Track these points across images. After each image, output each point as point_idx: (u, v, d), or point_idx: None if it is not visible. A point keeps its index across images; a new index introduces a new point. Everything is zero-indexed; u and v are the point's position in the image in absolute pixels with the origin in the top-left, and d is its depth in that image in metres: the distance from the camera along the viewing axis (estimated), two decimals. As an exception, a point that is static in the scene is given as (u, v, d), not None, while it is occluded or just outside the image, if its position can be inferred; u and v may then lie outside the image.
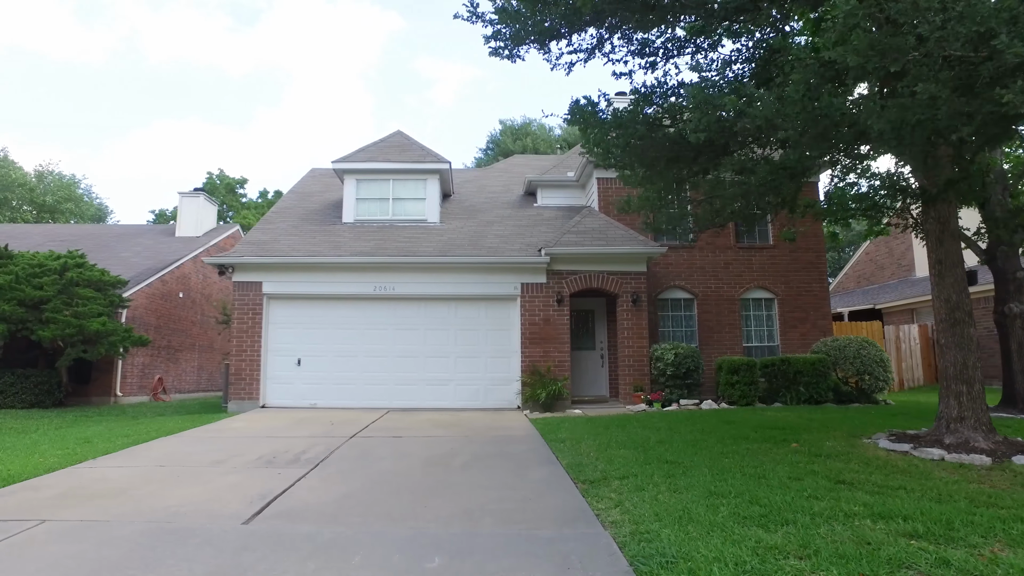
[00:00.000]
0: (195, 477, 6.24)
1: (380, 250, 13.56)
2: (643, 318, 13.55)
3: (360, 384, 13.18)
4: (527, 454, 7.44)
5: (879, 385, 13.06)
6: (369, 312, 13.45)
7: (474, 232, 14.72)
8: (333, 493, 5.60)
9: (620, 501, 5.14)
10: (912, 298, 21.92)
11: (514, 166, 20.96)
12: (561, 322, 13.34)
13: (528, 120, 40.69)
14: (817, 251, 15.76)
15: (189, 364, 20.80)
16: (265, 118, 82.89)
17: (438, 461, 7.05)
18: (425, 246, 13.82)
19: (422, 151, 15.84)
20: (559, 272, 13.47)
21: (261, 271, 13.19)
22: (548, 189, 16.92)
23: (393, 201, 15.37)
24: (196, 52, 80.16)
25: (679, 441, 7.77)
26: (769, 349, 15.20)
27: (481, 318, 13.55)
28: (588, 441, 7.99)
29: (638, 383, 13.17)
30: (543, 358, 13.14)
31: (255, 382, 12.84)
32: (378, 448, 7.95)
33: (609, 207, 15.15)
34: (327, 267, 13.21)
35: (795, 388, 12.89)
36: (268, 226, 15.07)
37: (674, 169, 8.29)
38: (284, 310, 13.39)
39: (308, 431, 9.46)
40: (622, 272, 13.58)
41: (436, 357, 13.36)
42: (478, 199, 17.34)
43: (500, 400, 13.24)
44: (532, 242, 14.03)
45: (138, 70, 78.13)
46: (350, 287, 13.27)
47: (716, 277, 15.21)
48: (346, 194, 15.36)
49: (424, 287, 13.35)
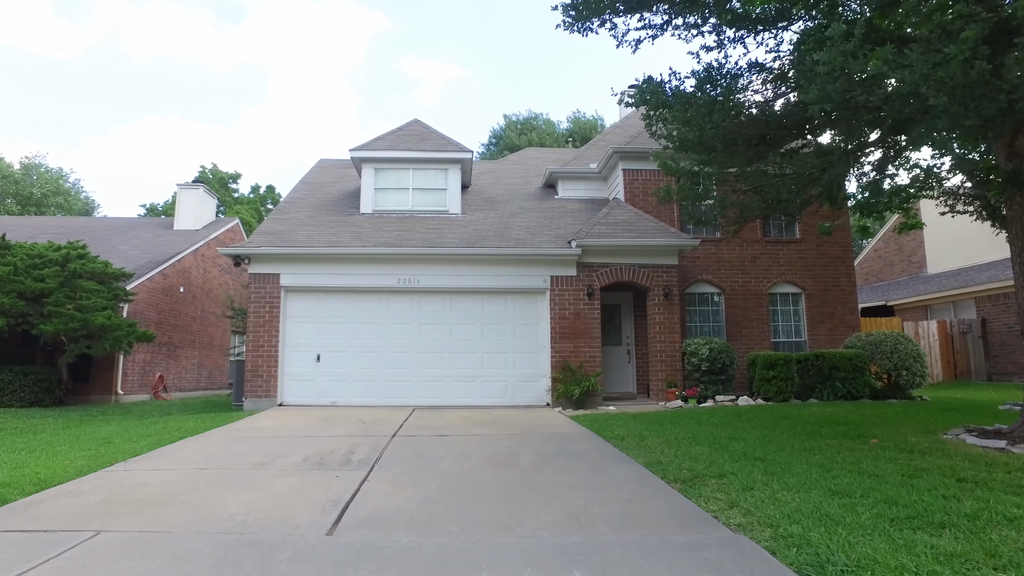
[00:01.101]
0: (246, 481, 5.67)
1: (403, 241, 13.00)
2: (675, 312, 13.11)
3: (383, 381, 12.61)
4: (594, 452, 6.94)
5: (916, 381, 12.72)
6: (393, 306, 12.89)
7: (498, 224, 14.20)
8: (411, 498, 5.07)
9: (734, 502, 4.67)
10: (926, 295, 21.72)
11: (528, 159, 20.45)
12: (592, 316, 12.86)
13: (534, 114, 40.07)
14: (844, 245, 15.43)
15: (189, 361, 20.07)
16: (250, 116, 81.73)
17: (503, 461, 6.54)
18: (449, 237, 13.28)
19: (442, 140, 15.29)
20: (589, 265, 12.99)
21: (279, 262, 12.58)
22: (569, 181, 16.44)
23: (413, 191, 14.81)
24: (179, 49, 78.86)
25: (750, 437, 7.32)
26: (796, 344, 14.84)
27: (509, 312, 13.03)
28: (652, 438, 7.51)
29: (671, 379, 12.73)
30: (574, 353, 12.66)
31: (272, 379, 12.23)
32: (430, 448, 7.41)
33: (635, 199, 14.71)
34: (349, 258, 12.62)
35: (831, 384, 12.51)
36: (283, 216, 14.44)
37: (751, 150, 7.80)
38: (303, 303, 12.78)
39: (342, 430, 8.90)
40: (653, 265, 13.14)
41: (462, 353, 12.83)
42: (497, 191, 16.82)
43: (529, 397, 12.74)
44: (559, 234, 13.55)
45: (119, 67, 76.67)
46: (372, 279, 12.70)
47: (743, 271, 14.82)
48: (364, 184, 14.76)
49: (450, 280, 12.81)
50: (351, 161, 15.24)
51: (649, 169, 14.81)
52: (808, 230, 15.16)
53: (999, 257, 20.66)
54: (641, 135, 15.58)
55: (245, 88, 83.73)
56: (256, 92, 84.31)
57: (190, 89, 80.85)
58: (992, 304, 19.35)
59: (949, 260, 22.82)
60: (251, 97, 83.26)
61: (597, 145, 17.98)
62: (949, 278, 21.80)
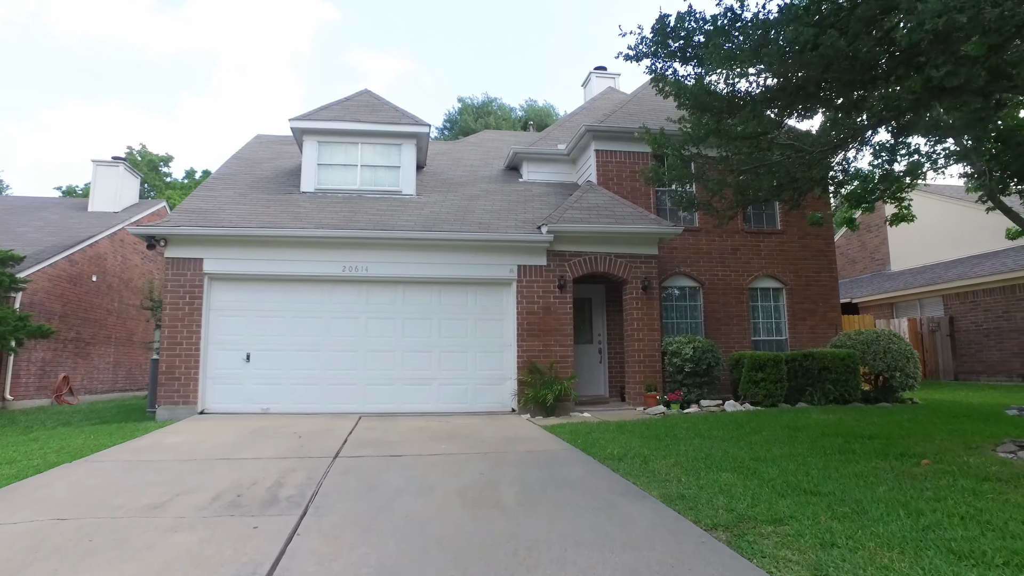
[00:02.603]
0: (119, 542, 3.97)
1: (349, 223, 11.30)
2: (655, 307, 11.86)
3: (324, 385, 10.91)
4: (592, 481, 5.52)
5: (909, 383, 11.83)
6: (336, 297, 11.19)
7: (458, 207, 12.65)
8: (360, 565, 3.53)
9: (819, 567, 3.32)
10: (891, 292, 21.26)
11: (487, 140, 18.93)
12: (563, 311, 11.47)
13: (489, 98, 38.26)
14: (826, 238, 14.53)
15: (103, 360, 17.74)
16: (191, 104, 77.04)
17: (480, 497, 5.04)
18: (402, 220, 11.65)
19: (395, 112, 13.61)
20: (561, 253, 11.59)
21: (202, 245, 10.71)
22: (535, 163, 15.00)
23: (361, 169, 13.08)
24: (112, 32, 73.56)
25: (777, 457, 6.04)
26: (777, 343, 13.84)
27: (470, 305, 11.51)
28: (657, 459, 6.15)
29: (650, 381, 11.46)
30: (543, 353, 11.25)
31: (192, 382, 10.37)
32: (382, 476, 5.85)
33: (609, 182, 13.40)
34: (285, 242, 10.86)
35: (821, 386, 11.50)
36: (210, 193, 12.50)
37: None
38: (230, 293, 10.94)
39: (273, 448, 7.23)
40: (631, 255, 11.84)
41: (416, 352, 11.24)
42: (455, 172, 15.24)
43: (491, 402, 11.26)
44: (526, 219, 12.10)
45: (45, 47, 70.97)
46: (313, 267, 10.97)
47: (723, 264, 13.71)
48: (305, 159, 12.95)
49: (402, 268, 11.20)
50: (292, 135, 13.40)
51: (625, 151, 13.54)
52: (790, 221, 14.17)
53: (965, 254, 20.35)
54: (615, 114, 14.30)
55: (186, 75, 78.95)
56: (198, 80, 79.66)
57: (127, 74, 75.71)
58: (960, 302, 18.92)
59: (913, 257, 22.47)
60: (193, 84, 78.60)
61: (564, 126, 16.60)
62: (915, 275, 21.39)
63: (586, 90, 20.21)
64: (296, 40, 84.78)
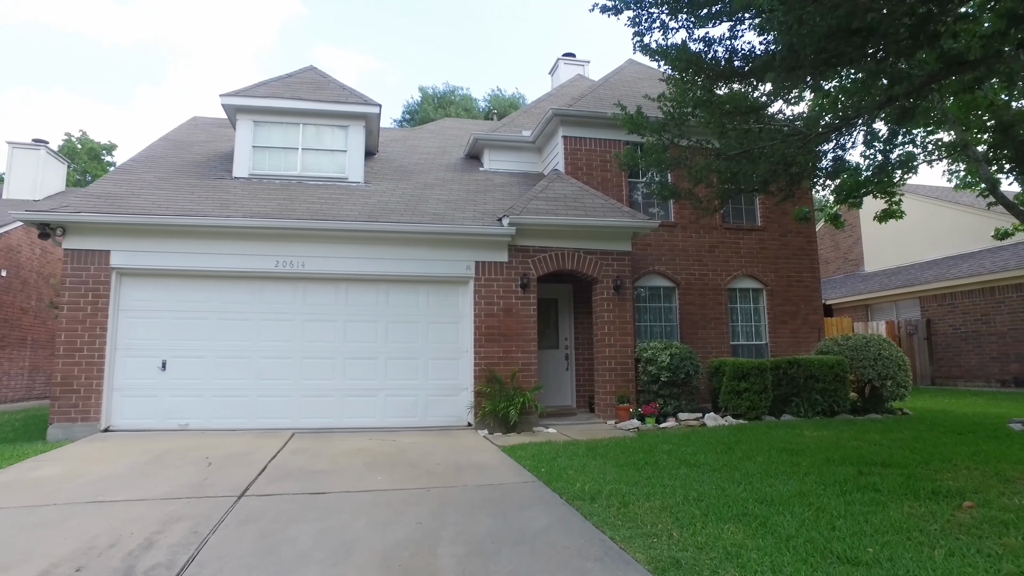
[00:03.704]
0: None
1: (285, 212, 9.91)
2: (627, 309, 10.75)
3: (254, 396, 9.53)
4: (558, 537, 4.31)
5: (900, 392, 10.95)
6: (268, 297, 9.80)
7: (410, 196, 11.34)
8: None
9: None
10: (866, 294, 20.64)
11: (447, 128, 17.62)
12: (527, 313, 10.27)
13: (451, 87, 36.53)
14: (808, 236, 13.62)
15: (16, 364, 15.93)
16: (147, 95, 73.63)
17: (411, 567, 3.80)
18: (347, 209, 10.31)
19: (342, 90, 12.22)
20: (524, 249, 10.40)
21: (109, 235, 9.21)
22: (497, 151, 13.77)
23: (303, 152, 11.66)
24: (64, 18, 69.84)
25: (785, 497, 4.92)
26: (757, 348, 12.88)
27: (421, 307, 10.23)
28: (638, 500, 4.98)
29: (623, 392, 10.35)
30: (503, 360, 10.04)
31: (94, 395, 8.88)
32: (291, 527, 4.55)
33: (578, 172, 12.25)
34: (209, 232, 9.43)
35: (808, 396, 10.53)
36: (125, 176, 10.95)
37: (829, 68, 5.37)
38: (143, 292, 9.47)
39: (167, 483, 5.86)
40: (602, 251, 10.71)
41: (360, 359, 9.92)
42: (410, 160, 13.92)
43: (446, 415, 10.01)
44: (486, 210, 10.86)
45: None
46: (242, 261, 9.57)
47: (700, 262, 12.68)
48: (239, 140, 11.48)
49: (345, 264, 9.86)
50: (226, 115, 11.91)
51: (596, 138, 12.41)
52: (771, 217, 13.22)
53: (942, 255, 19.80)
54: (585, 98, 13.16)
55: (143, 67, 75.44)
56: (155, 72, 76.19)
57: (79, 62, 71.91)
58: (937, 304, 18.31)
59: (888, 258, 21.89)
60: (150, 76, 75.13)
61: (529, 113, 15.41)
62: (889, 276, 20.79)
63: (553, 77, 19.07)
64: (261, 34, 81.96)
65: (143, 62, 74.36)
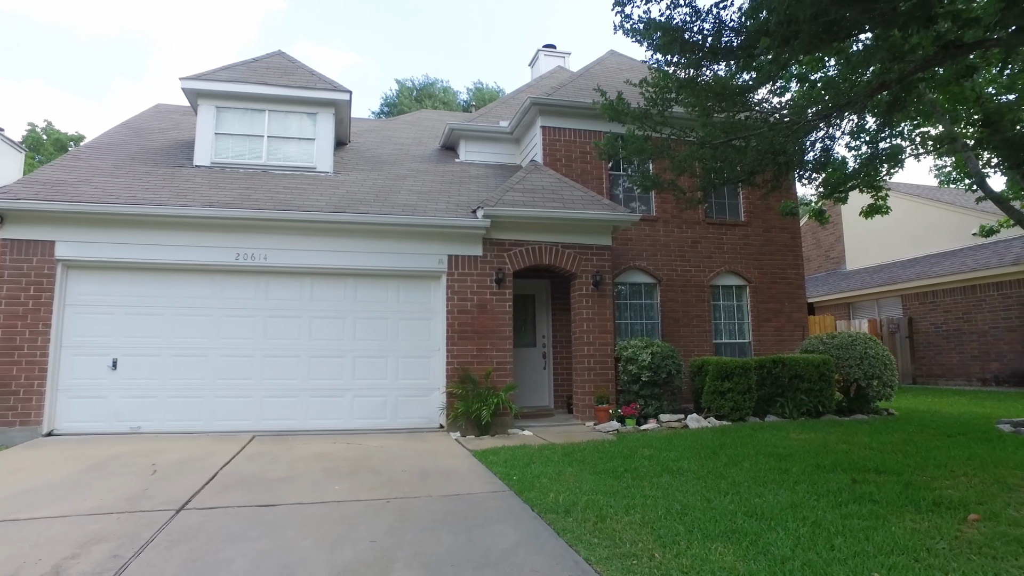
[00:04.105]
0: None
1: (247, 201, 9.35)
2: (607, 306, 10.33)
3: (212, 397, 8.97)
4: (526, 558, 3.85)
5: (886, 392, 10.66)
6: (229, 291, 9.23)
7: (382, 187, 10.83)
8: None
9: None
10: (848, 292, 20.46)
11: (423, 119, 17.10)
12: (502, 309, 9.81)
13: (431, 80, 35.83)
14: (792, 231, 13.30)
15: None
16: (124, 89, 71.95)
17: (355, 592, 3.32)
18: (313, 199, 9.77)
19: (312, 76, 11.66)
20: (500, 242, 9.94)
21: (55, 224, 8.59)
22: (473, 142, 13.29)
23: (269, 140, 11.09)
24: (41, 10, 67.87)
25: (776, 511, 4.51)
26: (740, 347, 12.54)
27: (391, 302, 9.73)
28: (618, 515, 4.54)
29: (602, 392, 9.93)
30: (477, 358, 9.57)
31: (35, 396, 8.26)
32: (229, 547, 4.06)
33: (557, 163, 11.81)
34: (165, 222, 8.85)
35: (793, 396, 10.20)
36: (75, 163, 10.31)
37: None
38: (92, 285, 8.86)
39: (101, 496, 5.32)
40: (581, 245, 10.28)
41: (326, 357, 9.40)
42: (383, 150, 13.39)
43: (416, 417, 9.53)
44: (461, 202, 10.39)
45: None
46: (200, 253, 9.00)
47: (683, 258, 12.30)
48: (200, 126, 10.87)
49: (310, 257, 9.33)
50: (187, 100, 11.28)
51: (575, 128, 11.98)
52: (754, 212, 12.89)
53: (923, 253, 19.66)
54: (564, 88, 12.73)
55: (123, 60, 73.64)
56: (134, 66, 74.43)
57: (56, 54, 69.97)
58: (919, 303, 18.16)
59: (870, 256, 21.74)
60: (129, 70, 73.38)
61: (507, 103, 14.95)
62: (871, 274, 20.63)
63: (533, 69, 18.63)
64: (242, 29, 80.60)
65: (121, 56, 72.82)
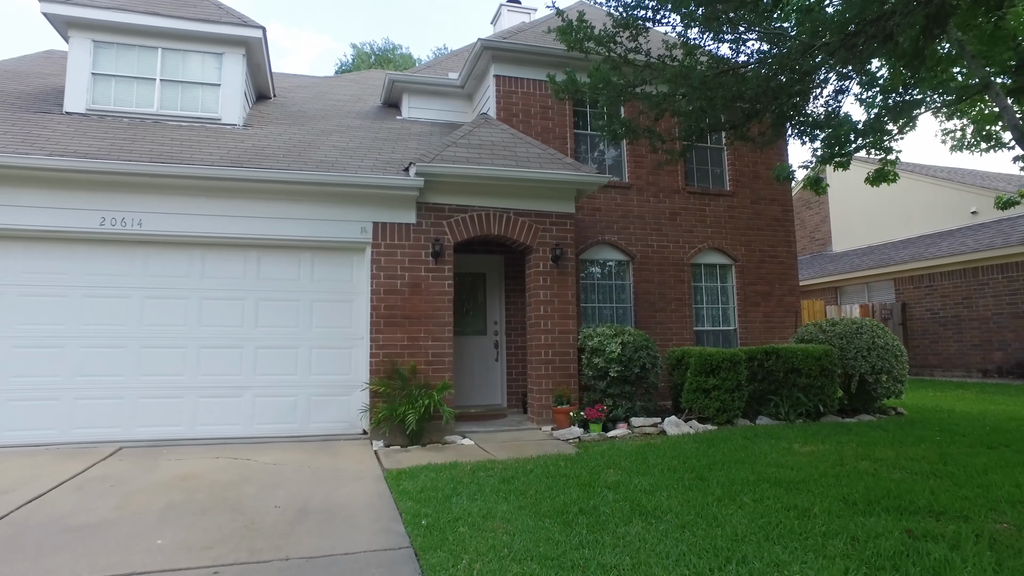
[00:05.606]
0: None
1: (120, 152, 7.42)
2: (569, 285, 8.61)
3: (69, 399, 7.08)
4: None
5: (896, 388, 9.12)
6: (94, 266, 7.31)
7: (299, 141, 8.94)
8: None
9: None
10: (835, 275, 19.01)
11: (369, 78, 15.15)
12: (440, 288, 8.03)
13: (391, 44, 33.19)
14: (784, 203, 11.69)
15: None
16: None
17: None
18: (206, 153, 7.86)
19: (217, 8, 9.69)
20: (438, 208, 8.14)
21: None
22: (419, 96, 11.41)
23: (162, 84, 9.12)
24: None
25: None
26: (724, 334, 10.94)
27: (304, 280, 7.90)
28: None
29: (562, 391, 8.22)
30: (409, 349, 7.79)
31: None
32: None
33: (513, 119, 10.01)
34: (6, 175, 6.91)
35: (789, 393, 8.61)
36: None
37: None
38: (-93, 257, 6.92)
39: None
40: (539, 212, 8.53)
41: (221, 348, 7.55)
42: (314, 106, 11.46)
43: (334, 421, 7.74)
44: (394, 159, 8.55)
45: None
46: (51, 217, 7.06)
47: (659, 232, 10.62)
48: (72, 64, 8.86)
49: (200, 223, 7.44)
50: (57, 31, 9.24)
51: (535, 79, 10.17)
52: (741, 180, 11.25)
53: (917, 233, 18.26)
54: (523, 33, 10.91)
55: None
56: None
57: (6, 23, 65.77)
58: (914, 287, 16.74)
59: (858, 237, 20.32)
60: None
61: (460, 56, 13.09)
62: (861, 256, 19.20)
63: (496, 26, 16.66)
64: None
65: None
